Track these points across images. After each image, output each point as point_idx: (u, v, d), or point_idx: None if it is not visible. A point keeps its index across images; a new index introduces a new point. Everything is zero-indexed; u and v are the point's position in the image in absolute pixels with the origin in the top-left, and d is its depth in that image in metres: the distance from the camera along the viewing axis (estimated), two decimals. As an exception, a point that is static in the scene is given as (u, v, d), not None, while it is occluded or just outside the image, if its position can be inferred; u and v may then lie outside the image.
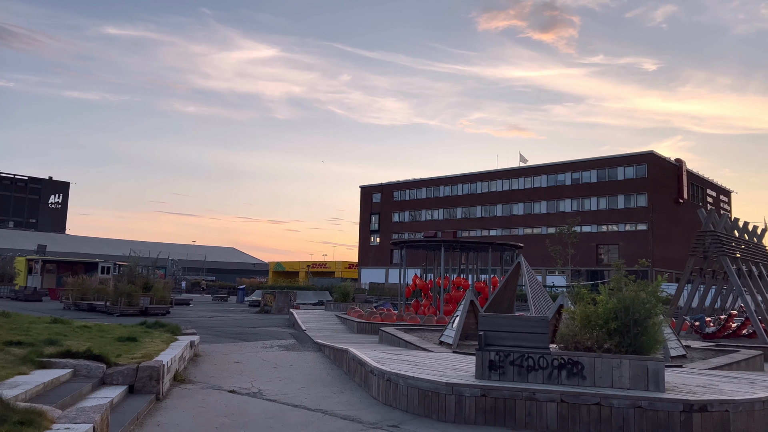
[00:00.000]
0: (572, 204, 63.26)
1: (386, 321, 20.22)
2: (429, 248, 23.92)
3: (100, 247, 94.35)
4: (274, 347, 15.15)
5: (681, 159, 62.50)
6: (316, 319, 23.47)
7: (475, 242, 22.77)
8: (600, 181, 61.25)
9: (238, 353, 13.52)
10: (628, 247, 58.32)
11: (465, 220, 71.56)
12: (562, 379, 7.53)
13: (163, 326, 13.73)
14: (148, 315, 26.50)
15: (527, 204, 66.52)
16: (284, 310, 32.81)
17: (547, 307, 15.17)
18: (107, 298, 27.88)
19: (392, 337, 14.53)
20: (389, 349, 12.37)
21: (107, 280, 37.24)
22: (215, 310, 33.41)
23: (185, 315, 28.11)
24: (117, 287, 27.22)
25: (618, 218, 59.61)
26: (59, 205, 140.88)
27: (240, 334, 18.80)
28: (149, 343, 10.55)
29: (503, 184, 69.05)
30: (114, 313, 26.13)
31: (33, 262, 43.72)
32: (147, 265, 29.83)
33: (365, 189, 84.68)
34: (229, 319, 26.04)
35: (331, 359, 12.68)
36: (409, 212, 78.68)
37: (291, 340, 17.16)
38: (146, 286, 28.03)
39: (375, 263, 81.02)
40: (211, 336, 17.64)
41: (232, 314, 30.34)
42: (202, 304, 40.54)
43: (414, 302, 24.57)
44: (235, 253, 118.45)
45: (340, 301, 28.99)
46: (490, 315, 8.38)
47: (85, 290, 29.94)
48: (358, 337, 17.90)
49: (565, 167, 64.14)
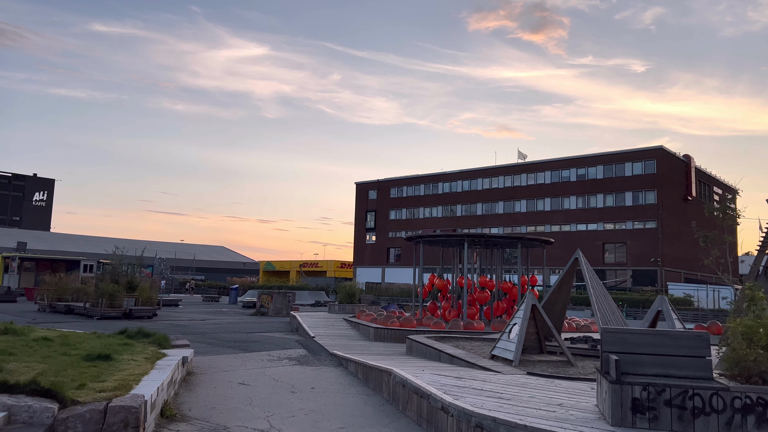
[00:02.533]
0: (578, 201, 60.94)
1: (406, 326, 17.67)
2: (449, 244, 21.40)
3: (84, 245, 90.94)
4: (284, 360, 12.55)
5: (689, 155, 60.46)
6: (322, 323, 20.87)
7: (503, 237, 20.33)
8: (607, 177, 58.97)
9: (241, 369, 10.91)
10: (636, 246, 56.14)
11: (465, 217, 69.05)
12: (748, 428, 5.02)
13: (147, 336, 11.08)
14: (133, 318, 23.80)
15: (530, 201, 64.14)
16: (282, 312, 30.18)
17: (612, 313, 12.70)
18: (87, 299, 25.13)
19: (427, 349, 11.99)
20: (434, 366, 9.83)
21: (89, 279, 34.40)
22: (207, 312, 30.69)
23: (174, 318, 25.40)
24: (98, 287, 24.46)
25: (625, 216, 57.39)
26: (44, 203, 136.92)
27: (239, 342, 16.17)
28: (128, 363, 7.92)
29: (505, 180, 66.61)
30: (94, 316, 23.38)
31: (9, 259, 40.71)
32: (132, 263, 27.04)
33: (360, 186, 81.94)
34: (223, 323, 23.37)
35: (362, 379, 10.11)
36: (406, 209, 76.09)
37: (300, 349, 14.56)
38: (131, 286, 25.29)
39: (371, 262, 78.36)
40: (206, 345, 15.00)
41: (225, 317, 27.66)
42: (192, 305, 37.78)
43: (430, 304, 22.03)
44: (224, 251, 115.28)
45: (344, 302, 26.39)
46: (619, 330, 5.86)
47: (63, 290, 27.16)
48: (379, 346, 15.33)
49: (570, 163, 61.85)
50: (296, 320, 21.66)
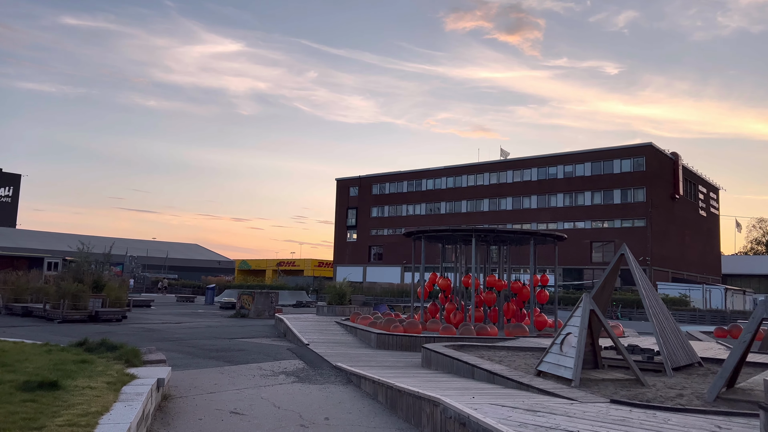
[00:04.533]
0: (565, 199, 59.59)
1: (411, 332, 15.70)
2: (452, 240, 19.46)
3: (51, 242, 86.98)
4: (279, 376, 10.46)
5: (677, 152, 59.62)
6: (313, 327, 18.77)
7: (514, 233, 18.48)
8: (595, 175, 57.73)
9: (230, 390, 8.80)
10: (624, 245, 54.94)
11: (449, 215, 67.26)
12: None
13: (112, 348, 8.89)
14: (99, 321, 21.40)
15: (516, 198, 62.64)
16: (264, 314, 27.96)
17: (666, 318, 10.90)
18: (48, 300, 22.62)
19: (452, 362, 10.02)
20: (477, 388, 7.86)
21: (53, 278, 31.68)
22: (182, 314, 28.31)
23: (146, 320, 23.02)
24: (60, 286, 21.97)
25: (614, 214, 56.23)
26: (9, 199, 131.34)
27: (222, 351, 13.99)
28: (82, 393, 5.78)
29: (490, 177, 64.99)
30: (55, 319, 20.91)
31: (-35, 256, 37.64)
32: (99, 261, 24.57)
33: (341, 182, 79.66)
34: (201, 327, 21.09)
35: (384, 404, 8.09)
36: (389, 207, 74.03)
37: (296, 361, 12.47)
38: (97, 285, 22.86)
39: (352, 261, 76.19)
40: (184, 355, 12.81)
41: (203, 319, 25.34)
42: (166, 306, 35.27)
43: (431, 306, 20.09)
44: (199, 250, 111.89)
45: (335, 303, 24.29)
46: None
47: (21, 290, 24.59)
48: (385, 355, 13.32)
49: (557, 160, 60.47)
50: (283, 324, 19.52)
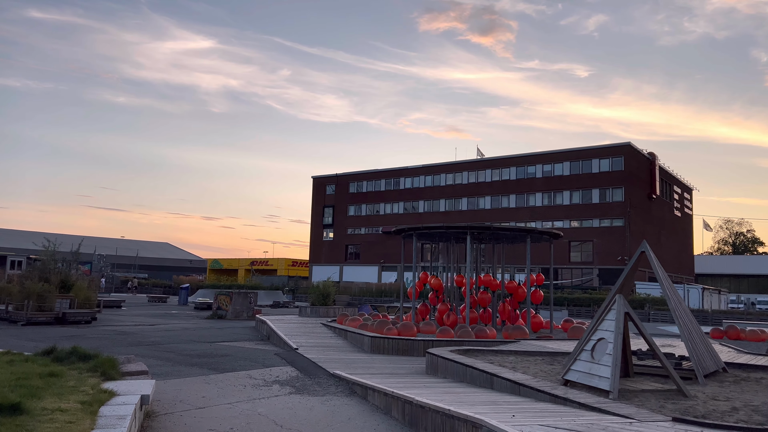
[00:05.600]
0: (543, 198, 59.41)
1: (405, 334, 14.80)
2: (445, 237, 18.63)
3: (15, 240, 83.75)
4: (273, 386, 9.44)
5: (654, 153, 59.97)
6: (298, 330, 17.73)
7: (510, 230, 17.73)
8: (573, 174, 57.66)
9: (221, 404, 7.76)
10: (603, 245, 55.07)
11: (428, 214, 66.59)
12: None
13: (85, 358, 7.78)
14: (67, 323, 20.02)
15: (494, 197, 62.26)
16: (243, 315, 26.77)
17: (692, 321, 10.22)
18: (10, 301, 21.11)
19: (465, 370, 9.15)
20: (506, 401, 7.00)
21: (16, 277, 29.93)
22: (155, 315, 26.93)
23: (117, 322, 21.67)
24: (24, 286, 20.50)
25: (592, 213, 56.23)
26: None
27: (205, 356, 12.88)
28: (52, 418, 4.72)
29: (469, 176, 64.50)
30: (18, 322, 19.46)
31: None
32: (67, 259, 23.08)
33: (318, 180, 78.38)
34: (177, 329, 19.86)
35: (400, 419, 7.16)
36: (366, 205, 73.03)
37: (287, 367, 11.45)
38: (65, 285, 21.43)
39: (328, 260, 74.99)
40: (163, 362, 11.68)
41: (178, 321, 24.05)
42: (137, 307, 33.74)
43: (421, 306, 19.24)
44: (170, 249, 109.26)
45: (318, 304, 23.24)
46: None
47: (-19, 290, 22.92)
48: (382, 361, 12.40)
49: (535, 159, 60.26)
50: (266, 326, 18.43)
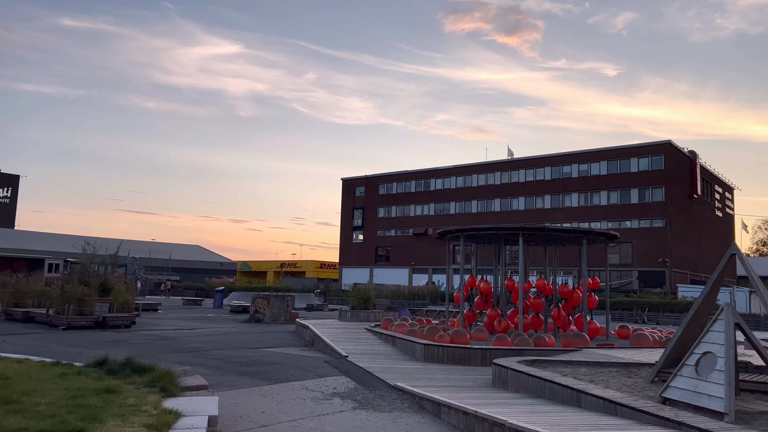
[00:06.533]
0: (579, 198, 57.99)
1: (458, 342, 14.07)
2: (494, 239, 17.85)
3: (51, 243, 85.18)
4: (333, 399, 8.82)
5: (694, 151, 58.02)
6: (343, 335, 17.13)
7: (566, 231, 16.88)
8: (611, 174, 56.09)
9: (284, 420, 7.15)
10: (643, 246, 53.38)
11: (459, 215, 65.56)
12: None
13: (140, 371, 7.24)
14: (107, 327, 19.76)
15: (529, 198, 61.00)
16: (280, 319, 26.35)
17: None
18: (51, 305, 20.96)
19: (544, 384, 8.39)
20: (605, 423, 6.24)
21: (55, 280, 30.00)
22: (192, 318, 26.65)
23: (156, 326, 21.37)
24: (64, 290, 20.30)
25: (631, 214, 54.60)
26: (8, 200, 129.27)
27: (253, 364, 12.33)
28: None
29: (502, 176, 63.34)
30: (59, 326, 19.24)
31: (-38, 258, 35.93)
32: (105, 263, 22.90)
33: (347, 182, 77.95)
34: (218, 334, 19.44)
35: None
36: (396, 207, 72.35)
37: (342, 378, 10.82)
38: (104, 289, 21.19)
39: (357, 262, 74.50)
40: (212, 371, 11.16)
41: (216, 324, 23.69)
42: (173, 310, 33.61)
43: (468, 311, 18.46)
44: (200, 251, 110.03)
45: (359, 308, 22.65)
46: None
47: (21, 293, 22.92)
48: (440, 370, 11.69)
49: (571, 158, 58.83)
50: (309, 331, 17.87)
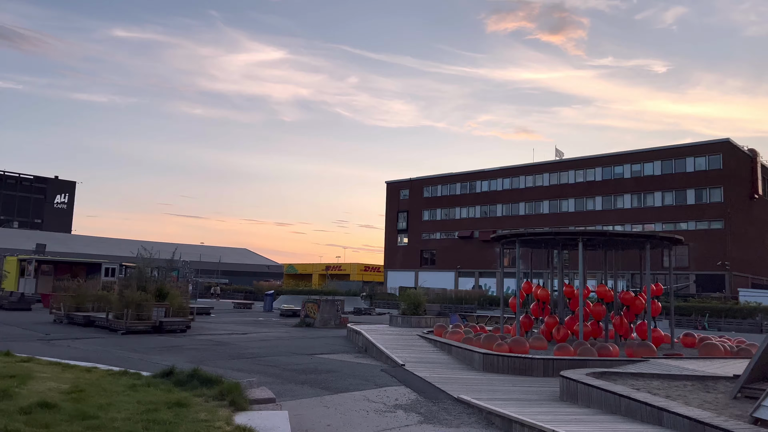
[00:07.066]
0: (632, 199, 56.25)
1: (517, 351, 13.64)
2: (551, 244, 17.35)
3: (105, 247, 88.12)
4: (397, 411, 8.60)
5: (755, 149, 55.56)
6: (396, 342, 16.91)
7: (629, 236, 16.26)
8: (666, 174, 54.20)
9: (350, 435, 6.97)
10: (700, 248, 51.33)
11: (506, 218, 64.61)
12: None
13: (207, 382, 7.19)
14: (164, 332, 20.11)
15: (579, 200, 59.56)
16: (330, 323, 26.32)
17: None
18: (110, 309, 21.49)
19: (619, 400, 7.95)
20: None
21: (111, 284, 30.86)
22: (244, 323, 26.93)
23: (210, 331, 21.64)
24: (123, 295, 20.78)
25: (687, 215, 52.61)
26: (65, 205, 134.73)
27: (310, 372, 12.24)
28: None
29: (550, 177, 62.07)
30: (118, 330, 19.69)
31: (26, 262, 37.38)
32: (161, 267, 23.38)
33: (392, 185, 77.89)
34: (271, 339, 19.53)
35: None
36: (441, 210, 71.86)
37: (402, 388, 10.59)
38: (160, 294, 21.60)
39: (402, 265, 74.30)
40: (270, 378, 11.10)
41: (268, 329, 23.85)
42: (224, 314, 34.13)
43: (524, 318, 17.96)
44: (248, 254, 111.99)
45: (409, 313, 22.42)
46: None
47: (82, 298, 23.57)
48: (501, 381, 11.33)
49: (623, 158, 57.13)
50: (362, 337, 17.74)
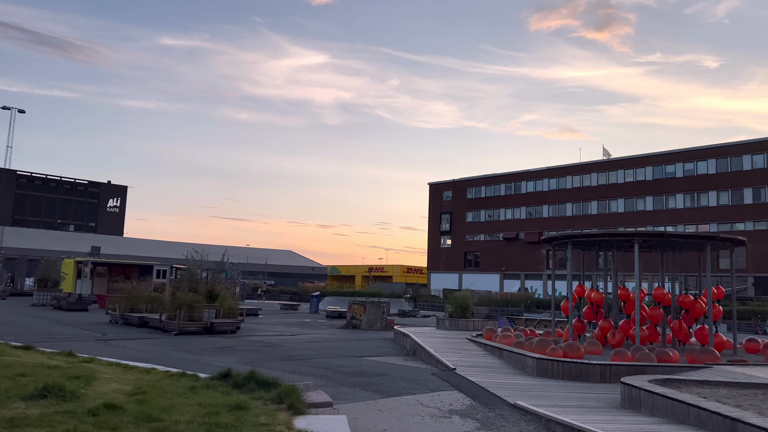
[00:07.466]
0: (685, 199, 54.39)
1: (572, 356, 13.26)
2: (606, 246, 16.85)
3: (155, 249, 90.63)
4: (453, 418, 8.44)
5: (816, 146, 52.96)
6: (445, 345, 16.72)
7: (688, 237, 15.64)
8: (720, 172, 52.24)
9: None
10: (758, 249, 49.20)
11: (552, 218, 63.44)
12: None
13: (264, 385, 7.20)
14: (215, 333, 20.46)
15: (628, 200, 57.96)
16: (376, 325, 26.31)
17: None
18: (163, 310, 21.99)
19: (688, 410, 7.59)
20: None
21: (163, 285, 31.65)
22: (291, 324, 27.17)
23: (259, 332, 21.90)
24: (175, 297, 21.24)
25: (744, 215, 50.53)
26: (117, 209, 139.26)
27: (360, 374, 12.20)
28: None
29: (598, 177, 60.62)
30: (171, 331, 20.13)
31: (82, 264, 38.71)
32: (211, 268, 23.81)
33: (434, 186, 77.54)
34: (319, 340, 19.61)
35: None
36: (485, 211, 71.07)
37: (455, 392, 10.42)
38: (211, 295, 21.99)
39: (446, 267, 73.85)
40: (322, 380, 11.09)
41: (316, 330, 24.00)
42: (272, 315, 34.53)
43: (577, 322, 17.49)
44: (293, 256, 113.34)
45: (457, 316, 22.16)
46: None
47: (136, 299, 24.20)
48: (556, 387, 11.02)
49: (675, 157, 55.30)
50: (410, 340, 17.62)
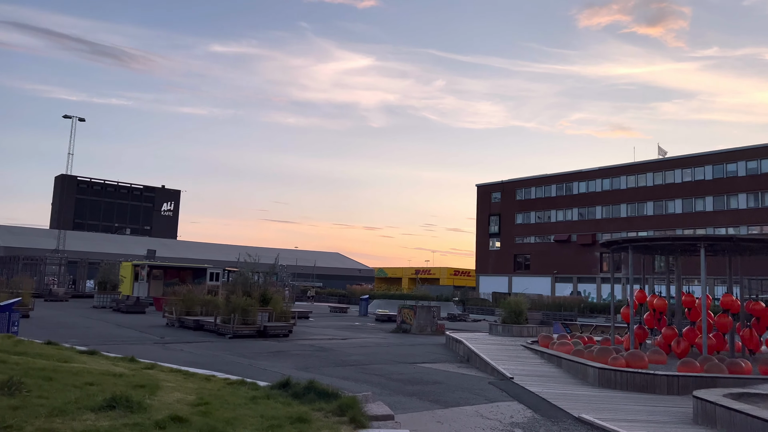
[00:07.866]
0: (748, 199, 51.98)
1: (635, 365, 12.72)
2: (668, 250, 16.14)
3: (207, 252, 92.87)
4: (515, 430, 8.15)
5: None
6: (499, 352, 16.35)
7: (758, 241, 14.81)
8: (787, 170, 49.83)
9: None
10: (830, 252, 46.58)
11: (606, 220, 61.71)
12: None
13: (324, 396, 7.12)
14: (268, 336, 20.68)
15: (687, 200, 55.82)
16: (426, 330, 26.08)
17: None
18: (217, 313, 22.38)
19: (768, 426, 7.10)
20: None
21: (216, 288, 32.31)
22: (342, 327, 27.24)
23: (311, 336, 22.01)
24: (229, 300, 21.58)
25: (813, 215, 48.05)
26: (171, 213, 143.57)
27: (414, 382, 12.02)
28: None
29: (654, 177, 58.61)
30: (226, 334, 20.46)
31: (139, 267, 39.98)
32: (264, 271, 24.12)
33: (482, 188, 76.63)
34: (370, 345, 19.54)
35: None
36: (535, 213, 69.76)
37: (515, 404, 10.12)
38: (264, 299, 22.24)
39: (495, 270, 72.83)
40: (377, 388, 10.97)
41: (366, 334, 23.97)
42: (322, 317, 34.75)
43: (638, 329, 16.81)
44: (340, 258, 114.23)
45: (510, 322, 21.71)
46: None
47: (191, 302, 24.73)
48: (621, 399, 10.57)
49: (737, 155, 52.94)
50: (463, 346, 17.34)
